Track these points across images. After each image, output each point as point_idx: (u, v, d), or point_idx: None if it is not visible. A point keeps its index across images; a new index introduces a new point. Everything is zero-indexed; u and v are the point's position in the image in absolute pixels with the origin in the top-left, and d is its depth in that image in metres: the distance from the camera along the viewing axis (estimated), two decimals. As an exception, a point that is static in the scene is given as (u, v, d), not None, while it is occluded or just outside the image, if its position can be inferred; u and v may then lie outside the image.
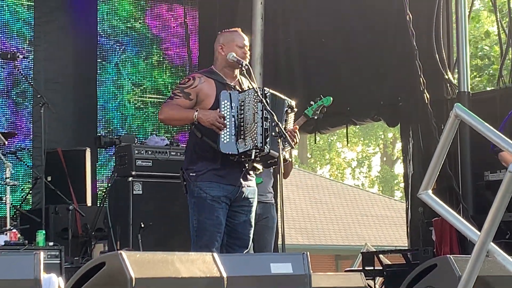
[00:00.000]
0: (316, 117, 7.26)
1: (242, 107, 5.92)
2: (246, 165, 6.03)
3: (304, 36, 10.91)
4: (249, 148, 5.88)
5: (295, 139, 6.16)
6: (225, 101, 5.94)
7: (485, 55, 21.43)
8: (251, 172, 6.13)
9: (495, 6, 10.43)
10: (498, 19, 10.49)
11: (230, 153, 5.90)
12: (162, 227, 8.73)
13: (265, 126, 5.88)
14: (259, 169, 6.21)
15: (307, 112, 7.17)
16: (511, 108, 8.05)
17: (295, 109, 6.22)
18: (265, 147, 5.89)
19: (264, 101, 5.88)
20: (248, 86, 6.11)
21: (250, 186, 6.11)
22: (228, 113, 5.90)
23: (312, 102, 7.21)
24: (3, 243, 7.86)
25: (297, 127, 6.32)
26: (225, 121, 5.86)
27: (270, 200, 7.46)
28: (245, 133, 5.89)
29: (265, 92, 5.97)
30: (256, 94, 5.90)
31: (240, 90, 6.07)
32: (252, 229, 6.19)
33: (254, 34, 10.50)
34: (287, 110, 6.09)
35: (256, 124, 5.88)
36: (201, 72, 6.22)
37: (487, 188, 8.92)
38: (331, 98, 7.27)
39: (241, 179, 6.02)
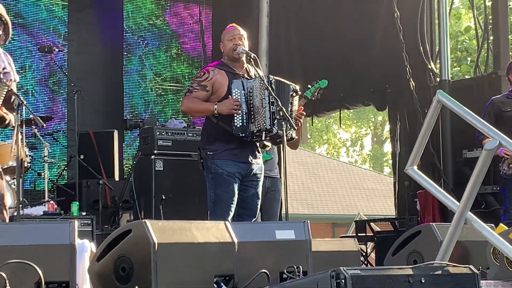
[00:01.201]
0: (314, 98, 7.25)
1: (251, 94, 5.93)
2: (258, 144, 6.05)
3: (303, 32, 10.89)
4: (259, 129, 5.90)
5: (300, 120, 6.20)
6: (236, 89, 5.95)
7: (464, 48, 21.37)
8: (260, 151, 6.15)
9: (472, 4, 10.39)
10: (475, 16, 10.45)
11: (243, 135, 5.92)
12: (181, 199, 8.75)
13: (272, 109, 5.90)
14: (268, 146, 6.24)
15: (306, 94, 7.15)
16: (487, 94, 8.06)
17: (299, 92, 6.23)
18: (273, 128, 5.92)
19: (270, 87, 5.89)
20: (254, 74, 6.12)
21: (258, 164, 6.14)
22: (239, 99, 5.92)
23: (309, 86, 7.20)
24: (42, 213, 7.88)
25: (302, 108, 6.33)
26: (239, 109, 5.89)
27: (277, 175, 7.46)
28: (255, 117, 5.90)
29: (270, 79, 5.98)
30: (262, 82, 5.91)
31: (248, 78, 6.08)
32: (260, 201, 6.21)
33: (261, 30, 10.49)
34: (292, 94, 6.11)
35: (264, 109, 5.89)
36: (213, 65, 6.22)
37: (465, 164, 8.91)
38: (327, 81, 7.26)
39: (252, 157, 6.05)
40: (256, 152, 6.10)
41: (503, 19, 9.27)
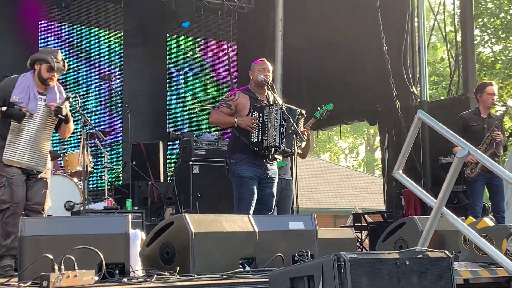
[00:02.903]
0: (322, 118, 7.27)
1: (267, 117, 5.94)
2: (270, 156, 6.04)
3: (310, 63, 10.89)
4: (269, 146, 5.90)
5: (305, 136, 6.18)
6: (255, 112, 5.97)
7: (440, 74, 21.26)
8: (274, 161, 6.13)
9: (445, 39, 10.36)
10: (448, 49, 10.41)
11: (257, 149, 5.93)
12: (213, 196, 8.76)
13: (282, 131, 5.91)
14: (279, 159, 6.21)
15: (316, 115, 7.16)
16: (458, 112, 7.99)
17: (305, 115, 6.22)
18: (281, 145, 5.94)
19: (281, 113, 5.90)
20: (272, 100, 6.11)
21: (272, 169, 6.12)
22: (257, 120, 5.94)
23: (318, 108, 7.20)
24: (102, 208, 7.90)
25: (305, 129, 6.30)
26: (255, 125, 5.90)
27: (289, 178, 7.46)
28: (268, 136, 5.92)
29: (283, 106, 5.98)
30: (276, 108, 5.93)
31: (267, 103, 6.07)
32: (275, 198, 6.19)
33: (276, 61, 10.52)
34: (298, 117, 6.09)
35: (275, 130, 5.91)
36: (240, 90, 6.24)
37: (441, 168, 8.86)
38: (332, 105, 7.28)
39: (267, 164, 6.05)
40: (270, 161, 6.09)
41: (471, 51, 9.23)
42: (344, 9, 10.29)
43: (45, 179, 5.47)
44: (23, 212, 5.36)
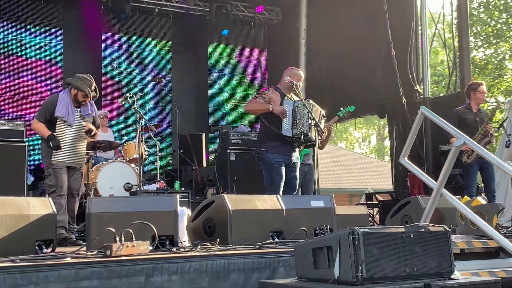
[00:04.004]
0: (343, 117, 7.26)
1: (296, 109, 5.92)
2: (295, 144, 6.01)
3: (329, 67, 10.85)
4: (299, 133, 5.88)
5: (324, 134, 6.16)
6: (286, 105, 5.95)
7: (440, 74, 21.00)
8: (296, 149, 6.11)
9: (445, 45, 10.22)
10: (447, 53, 10.27)
11: (287, 135, 5.91)
12: (247, 179, 8.78)
13: (309, 122, 5.87)
14: (301, 148, 6.19)
15: (339, 114, 7.14)
16: (455, 107, 7.89)
17: (325, 117, 6.20)
18: (309, 133, 5.89)
19: (309, 107, 5.88)
20: (298, 98, 6.10)
21: (295, 155, 6.10)
22: (287, 111, 5.91)
23: (341, 108, 7.17)
24: (155, 189, 7.96)
25: (328, 126, 6.26)
26: (285, 115, 5.87)
27: (311, 163, 7.43)
28: (297, 124, 5.89)
29: (309, 102, 5.96)
30: (304, 102, 5.89)
31: (295, 100, 6.05)
32: (298, 180, 6.17)
33: (300, 63, 10.50)
34: (321, 117, 6.05)
35: (304, 120, 5.88)
36: (272, 87, 6.21)
37: (441, 155, 8.77)
38: (354, 107, 7.26)
39: (292, 152, 6.02)
40: (294, 148, 6.07)
41: (466, 55, 9.11)
42: (358, 20, 10.22)
43: (81, 171, 6.01)
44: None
